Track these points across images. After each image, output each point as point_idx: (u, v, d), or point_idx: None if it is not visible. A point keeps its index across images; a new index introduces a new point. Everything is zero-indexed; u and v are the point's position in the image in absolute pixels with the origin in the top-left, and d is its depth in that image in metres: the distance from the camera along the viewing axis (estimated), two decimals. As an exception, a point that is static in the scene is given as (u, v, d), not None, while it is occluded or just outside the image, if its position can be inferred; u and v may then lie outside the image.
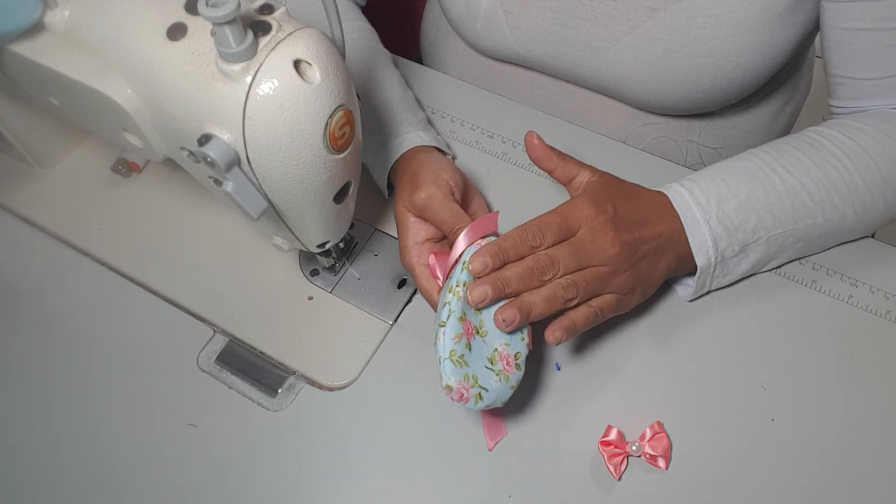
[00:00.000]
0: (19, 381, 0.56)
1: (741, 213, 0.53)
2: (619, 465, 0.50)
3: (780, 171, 0.54)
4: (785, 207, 0.54)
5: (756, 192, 0.53)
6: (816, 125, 0.59)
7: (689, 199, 0.53)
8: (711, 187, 0.53)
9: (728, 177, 0.54)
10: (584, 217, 0.49)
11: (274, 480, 0.51)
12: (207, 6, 0.37)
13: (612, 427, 0.51)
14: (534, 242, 0.47)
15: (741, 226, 0.53)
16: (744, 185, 0.54)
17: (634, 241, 0.50)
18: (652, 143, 0.73)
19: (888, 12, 0.54)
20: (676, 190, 0.54)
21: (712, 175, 0.54)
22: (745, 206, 0.53)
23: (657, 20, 0.61)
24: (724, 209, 0.53)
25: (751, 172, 0.54)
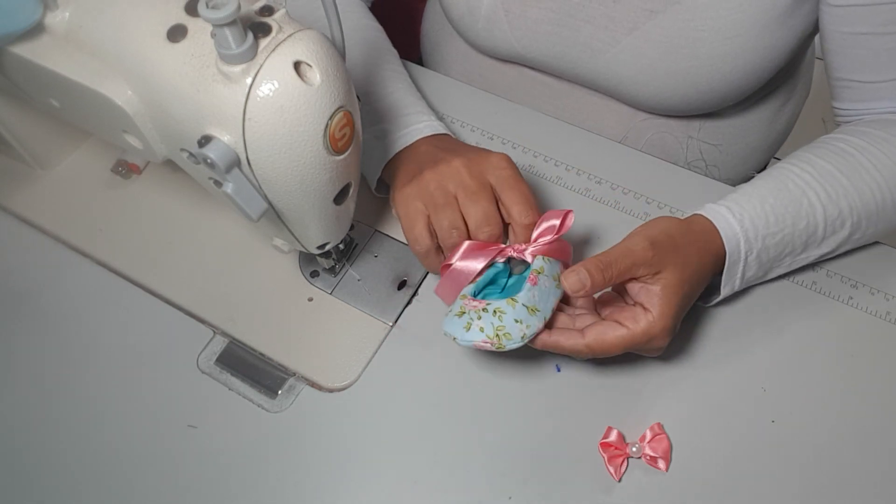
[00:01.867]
0: (19, 382, 0.56)
1: (779, 247, 0.53)
2: (619, 466, 0.50)
3: (822, 196, 0.53)
4: (818, 236, 0.54)
5: (799, 225, 0.53)
6: (838, 131, 0.58)
7: (740, 232, 0.52)
8: (761, 219, 0.52)
9: (777, 204, 0.53)
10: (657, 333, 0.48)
11: (274, 482, 0.51)
12: (207, 8, 0.37)
13: (612, 428, 0.51)
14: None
15: (775, 257, 0.54)
16: (790, 217, 0.53)
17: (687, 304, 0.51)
18: (652, 139, 0.73)
19: (888, 17, 0.54)
20: (728, 222, 0.52)
21: (761, 200, 0.53)
22: (785, 240, 0.53)
23: (656, 22, 0.62)
24: (767, 244, 0.52)
25: (797, 199, 0.53)
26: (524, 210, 0.52)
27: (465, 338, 0.47)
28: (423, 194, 0.53)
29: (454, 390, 0.55)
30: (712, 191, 0.65)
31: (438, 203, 0.52)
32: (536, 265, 0.51)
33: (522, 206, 0.52)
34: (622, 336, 0.47)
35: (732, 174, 0.78)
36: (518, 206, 0.52)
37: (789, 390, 0.54)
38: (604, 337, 0.48)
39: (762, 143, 0.77)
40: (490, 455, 0.52)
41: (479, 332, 0.47)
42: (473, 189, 0.52)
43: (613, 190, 0.65)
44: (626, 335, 0.47)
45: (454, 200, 0.52)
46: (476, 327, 0.47)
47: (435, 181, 0.53)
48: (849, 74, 0.59)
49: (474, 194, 0.52)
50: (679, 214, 0.63)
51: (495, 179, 0.53)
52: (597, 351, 0.48)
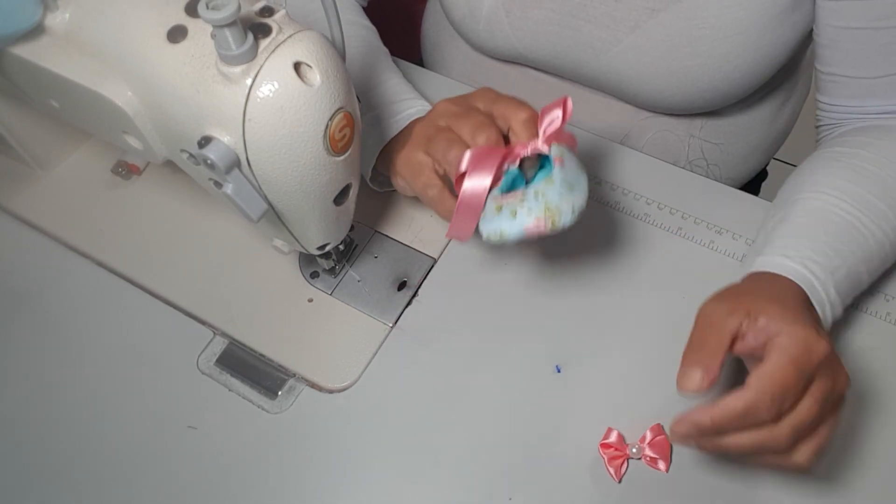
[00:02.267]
0: (19, 383, 0.56)
1: (850, 279, 0.50)
2: (619, 467, 0.50)
3: (866, 222, 0.51)
4: (875, 262, 0.52)
5: (857, 254, 0.50)
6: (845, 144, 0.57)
7: (810, 276, 0.48)
8: (821, 255, 0.49)
9: (829, 239, 0.50)
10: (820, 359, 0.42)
11: (274, 483, 0.51)
12: (208, 9, 0.37)
13: (612, 429, 0.51)
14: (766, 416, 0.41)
15: (849, 292, 0.51)
16: (846, 246, 0.50)
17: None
18: (654, 138, 0.73)
19: (882, 11, 0.54)
20: (794, 269, 0.48)
21: (812, 238, 0.50)
22: (851, 270, 0.50)
23: (657, 21, 0.62)
24: (837, 278, 0.49)
25: (845, 230, 0.51)
26: (519, 107, 0.50)
27: (513, 227, 0.44)
28: (419, 143, 0.53)
29: (454, 390, 0.55)
30: (714, 192, 0.65)
31: (432, 137, 0.52)
32: (555, 152, 0.47)
33: (516, 106, 0.50)
34: (778, 358, 0.41)
35: (734, 173, 0.78)
36: (511, 107, 0.50)
37: (789, 391, 0.54)
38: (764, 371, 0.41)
39: (763, 142, 0.77)
40: (490, 455, 0.52)
41: (526, 216, 0.44)
42: (461, 112, 0.52)
43: (614, 191, 0.65)
44: (782, 355, 0.41)
45: (447, 128, 0.52)
46: (522, 212, 0.44)
47: (426, 127, 0.53)
48: (839, 69, 0.59)
49: (464, 115, 0.51)
50: (679, 214, 0.63)
51: (483, 103, 0.52)
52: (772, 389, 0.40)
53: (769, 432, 0.41)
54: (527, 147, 0.47)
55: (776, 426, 0.41)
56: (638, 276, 0.60)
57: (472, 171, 0.46)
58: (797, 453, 0.43)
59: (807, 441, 0.43)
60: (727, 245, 0.61)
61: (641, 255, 0.61)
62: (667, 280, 0.60)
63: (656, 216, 0.63)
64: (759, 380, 0.41)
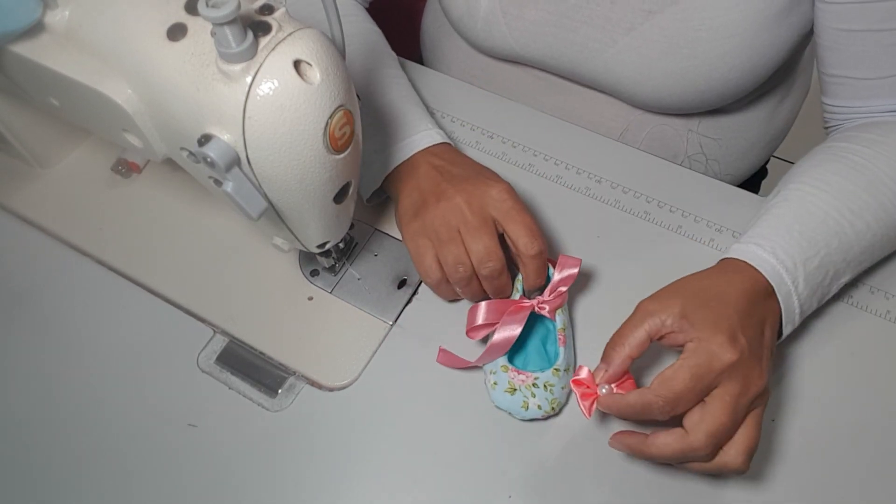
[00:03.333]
0: (19, 382, 0.56)
1: (822, 270, 0.51)
2: (590, 405, 0.50)
3: (846, 213, 0.52)
4: (855, 252, 0.52)
5: (832, 244, 0.51)
6: (840, 139, 0.57)
7: (779, 266, 0.49)
8: (793, 246, 0.50)
9: (804, 229, 0.51)
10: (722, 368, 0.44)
11: (274, 481, 0.51)
12: (207, 6, 0.37)
13: (582, 366, 0.50)
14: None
15: (821, 282, 0.51)
16: (822, 237, 0.51)
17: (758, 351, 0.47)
18: (652, 133, 0.73)
19: (883, 14, 0.54)
20: (761, 257, 0.50)
21: (787, 228, 0.51)
22: (825, 261, 0.51)
23: (653, 22, 0.62)
24: (809, 269, 0.50)
25: (822, 220, 0.51)
26: (529, 242, 0.52)
27: (524, 416, 0.52)
28: (427, 231, 0.54)
29: (454, 389, 0.55)
30: (713, 190, 0.65)
31: (443, 239, 0.53)
32: (559, 323, 0.54)
33: (526, 237, 0.52)
34: (679, 365, 0.44)
35: (732, 169, 0.78)
36: (522, 239, 0.52)
37: (789, 389, 0.54)
38: (663, 376, 0.44)
39: (762, 139, 0.77)
40: (490, 454, 0.52)
41: (537, 410, 0.51)
42: (475, 225, 0.53)
43: (614, 188, 0.65)
44: (683, 363, 0.44)
45: (458, 235, 0.53)
46: (534, 406, 0.51)
47: (439, 218, 0.54)
48: (843, 71, 0.59)
49: (476, 230, 0.53)
50: (679, 213, 0.63)
51: (497, 213, 0.53)
52: (665, 394, 0.44)
53: (688, 442, 0.44)
54: (535, 307, 0.53)
55: (694, 436, 0.44)
56: (638, 274, 0.60)
57: (503, 325, 0.52)
58: (727, 456, 0.45)
59: (733, 444, 0.45)
60: (727, 243, 0.61)
61: (641, 253, 0.61)
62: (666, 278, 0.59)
63: (656, 214, 0.63)
64: (659, 384, 0.44)
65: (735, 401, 0.44)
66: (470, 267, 0.53)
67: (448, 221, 0.54)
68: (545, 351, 0.56)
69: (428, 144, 0.59)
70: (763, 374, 0.46)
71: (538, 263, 0.53)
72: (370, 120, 0.60)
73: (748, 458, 0.45)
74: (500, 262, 0.53)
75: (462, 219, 0.53)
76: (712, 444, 0.44)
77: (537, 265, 0.53)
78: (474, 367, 0.55)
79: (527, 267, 0.53)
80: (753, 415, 0.45)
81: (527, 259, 0.53)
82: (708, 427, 0.43)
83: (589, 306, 0.58)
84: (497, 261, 0.52)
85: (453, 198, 0.54)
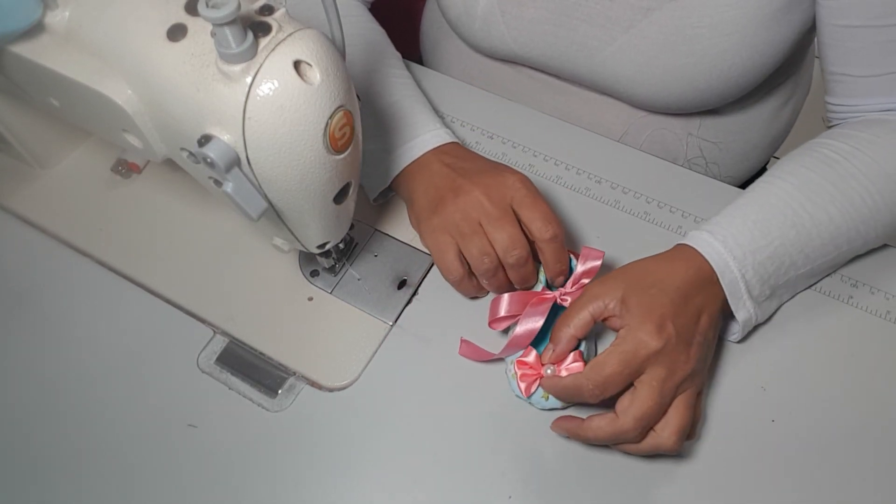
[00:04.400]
0: (19, 382, 0.56)
1: (775, 261, 0.52)
2: (529, 385, 0.51)
3: (807, 205, 0.53)
4: (815, 244, 0.53)
5: (788, 235, 0.52)
6: (823, 135, 0.58)
7: (725, 251, 0.51)
8: (745, 235, 0.51)
9: (759, 219, 0.52)
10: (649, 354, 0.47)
11: (274, 481, 0.51)
12: (207, 7, 0.37)
13: (531, 349, 0.52)
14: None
15: (774, 272, 0.52)
16: (776, 228, 0.52)
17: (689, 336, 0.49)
18: (652, 136, 0.73)
19: (882, 10, 0.54)
20: (711, 245, 0.51)
21: (742, 217, 0.52)
22: (778, 251, 0.52)
23: (652, 20, 0.61)
24: (759, 259, 0.51)
25: (780, 211, 0.53)
26: (543, 226, 0.53)
27: (545, 406, 0.53)
28: (448, 226, 0.55)
29: (454, 390, 0.55)
30: (712, 190, 0.65)
31: (465, 233, 0.54)
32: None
33: (541, 221, 0.53)
34: (609, 352, 0.47)
35: (733, 171, 0.78)
36: (537, 223, 0.53)
37: (789, 390, 0.54)
38: (596, 361, 0.47)
39: (762, 141, 0.77)
40: (490, 454, 0.52)
41: (557, 400, 0.52)
42: (496, 215, 0.53)
43: (613, 189, 0.65)
44: (613, 349, 0.47)
45: (480, 227, 0.54)
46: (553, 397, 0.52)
47: (459, 212, 0.54)
48: (841, 68, 0.59)
49: (498, 220, 0.53)
50: (678, 213, 0.63)
51: (513, 200, 0.54)
52: (594, 377, 0.47)
53: (619, 425, 0.46)
54: (557, 298, 0.54)
55: (623, 419, 0.46)
56: (638, 274, 0.60)
57: (525, 316, 0.52)
58: (660, 437, 0.47)
59: (665, 425, 0.47)
60: (727, 244, 0.61)
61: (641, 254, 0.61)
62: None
63: (656, 215, 0.63)
64: (590, 368, 0.47)
65: (661, 385, 0.46)
66: (495, 258, 0.53)
67: (468, 215, 0.54)
68: None
69: (438, 143, 0.59)
70: (690, 360, 0.48)
71: (555, 247, 0.53)
72: (375, 119, 0.60)
73: (680, 439, 0.47)
74: (525, 250, 0.53)
75: (482, 211, 0.54)
76: (640, 427, 0.46)
77: (554, 249, 0.53)
78: (477, 368, 0.55)
79: (544, 252, 0.53)
80: (683, 397, 0.48)
81: (542, 244, 0.53)
82: (636, 411, 0.46)
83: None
84: (522, 248, 0.53)
85: (471, 191, 0.54)
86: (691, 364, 0.48)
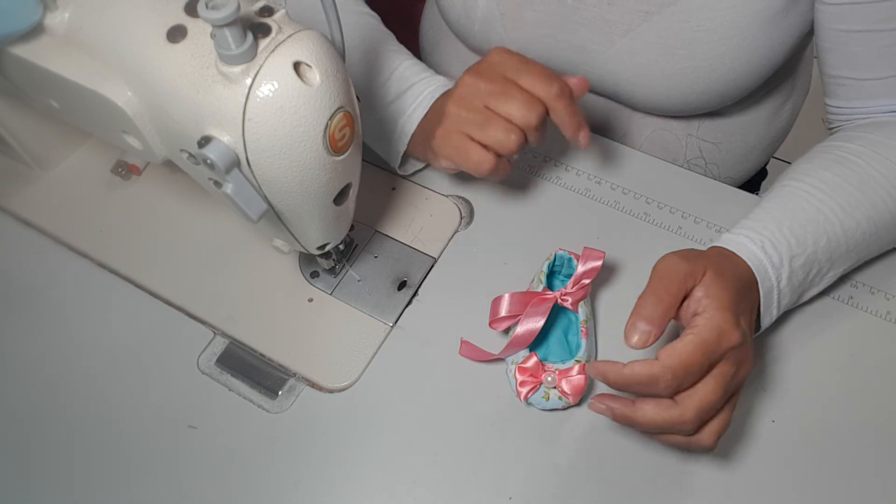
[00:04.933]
0: (19, 384, 0.56)
1: (806, 268, 0.51)
2: (528, 392, 0.51)
3: (837, 211, 0.52)
4: (841, 251, 0.53)
5: (820, 242, 0.51)
6: (835, 138, 0.58)
7: (765, 259, 0.49)
8: (782, 242, 0.50)
9: (793, 225, 0.51)
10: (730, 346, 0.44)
11: (274, 482, 0.51)
12: (207, 8, 0.37)
13: (533, 354, 0.52)
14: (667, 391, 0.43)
15: (803, 280, 0.52)
16: (811, 235, 0.51)
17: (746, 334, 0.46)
18: (652, 136, 0.73)
19: (883, 14, 0.54)
20: (750, 250, 0.50)
21: (777, 223, 0.51)
22: (810, 259, 0.51)
23: (651, 24, 0.62)
24: (794, 267, 0.50)
25: (813, 217, 0.51)
26: (546, 85, 0.52)
27: (545, 406, 0.52)
28: (458, 124, 0.54)
29: (454, 390, 0.55)
30: (713, 191, 0.65)
31: (478, 122, 0.53)
32: (582, 315, 0.54)
33: (542, 82, 0.52)
34: (691, 340, 0.43)
35: (732, 172, 0.78)
36: (538, 85, 0.52)
37: (789, 390, 0.54)
38: (674, 348, 0.42)
39: (762, 142, 0.77)
40: (490, 455, 0.52)
41: (558, 401, 0.52)
42: (499, 90, 0.53)
43: (613, 190, 0.65)
44: (695, 338, 0.43)
45: (489, 111, 0.53)
46: (554, 396, 0.52)
47: (462, 107, 0.54)
48: (843, 72, 0.59)
49: (503, 93, 0.53)
50: (678, 213, 0.63)
51: (507, 72, 0.54)
52: (674, 366, 0.42)
53: (677, 414, 0.43)
54: (557, 298, 0.53)
55: (683, 408, 0.43)
56: (637, 274, 0.60)
57: (526, 317, 0.52)
58: (702, 434, 0.45)
59: (710, 422, 0.45)
60: (727, 244, 0.61)
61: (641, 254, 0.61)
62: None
63: (656, 215, 0.63)
64: (668, 356, 0.42)
65: (728, 381, 0.44)
66: (520, 130, 0.53)
67: (471, 104, 0.54)
68: (567, 342, 0.56)
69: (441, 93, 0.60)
70: (751, 363, 0.46)
71: (565, 102, 0.53)
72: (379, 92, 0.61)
73: (717, 440, 0.45)
74: (541, 106, 0.53)
75: (482, 92, 0.53)
76: (699, 420, 0.43)
77: (564, 104, 0.53)
78: (477, 368, 0.55)
79: (556, 111, 0.53)
80: (733, 398, 0.46)
81: (552, 102, 0.53)
82: (699, 403, 0.43)
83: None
84: (539, 105, 0.52)
85: (462, 82, 0.55)
86: (749, 368, 0.46)
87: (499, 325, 0.54)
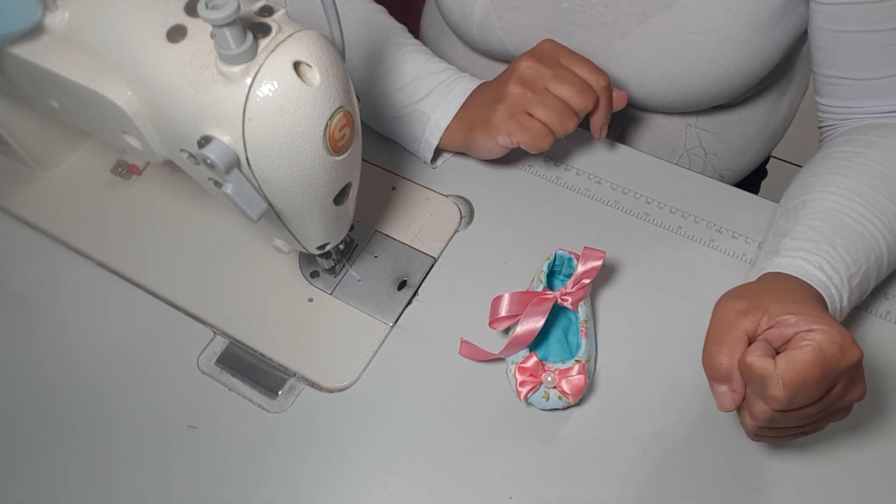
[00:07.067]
0: (18, 383, 0.56)
1: (861, 286, 0.51)
2: (528, 391, 0.51)
3: (882, 228, 0.51)
4: (883, 268, 0.52)
5: (870, 260, 0.51)
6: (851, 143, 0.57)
7: (828, 282, 0.48)
8: (839, 262, 0.49)
9: (846, 244, 0.50)
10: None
11: (274, 482, 0.51)
12: (207, 8, 0.37)
13: (534, 354, 0.52)
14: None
15: (857, 299, 0.51)
16: (863, 253, 0.50)
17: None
18: (651, 128, 0.73)
19: (877, 15, 0.54)
20: (814, 275, 0.48)
21: (829, 243, 0.49)
22: (863, 278, 0.51)
23: (647, 26, 0.62)
24: (852, 286, 0.49)
25: (861, 235, 0.50)
26: (596, 76, 0.58)
27: (545, 406, 0.52)
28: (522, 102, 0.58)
29: (454, 390, 0.55)
30: (713, 190, 0.65)
31: (541, 102, 0.57)
32: (582, 315, 0.54)
33: (591, 73, 0.58)
34: (812, 350, 0.39)
35: (732, 164, 0.78)
36: (591, 74, 0.58)
37: (790, 390, 0.54)
38: (794, 360, 0.39)
39: (761, 134, 0.77)
40: (490, 455, 0.52)
41: (558, 401, 0.52)
42: (558, 75, 0.57)
43: (613, 189, 0.65)
44: (815, 350, 0.39)
45: (547, 92, 0.58)
46: (554, 396, 0.52)
47: (526, 87, 0.58)
48: (838, 72, 0.59)
49: (562, 79, 0.57)
50: (678, 213, 0.63)
51: (560, 58, 0.58)
52: (791, 381, 0.39)
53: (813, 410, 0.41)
54: (557, 298, 0.54)
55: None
56: (637, 274, 0.60)
57: (526, 316, 0.52)
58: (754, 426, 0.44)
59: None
60: (727, 244, 0.61)
61: (641, 254, 0.61)
62: (667, 279, 0.60)
63: (656, 215, 0.63)
64: (787, 363, 0.39)
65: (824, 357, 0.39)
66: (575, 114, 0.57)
67: (535, 88, 0.58)
68: (567, 342, 0.56)
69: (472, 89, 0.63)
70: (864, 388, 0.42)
71: (608, 96, 0.59)
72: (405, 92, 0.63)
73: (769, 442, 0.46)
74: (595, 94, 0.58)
75: (545, 77, 0.58)
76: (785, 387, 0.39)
77: (607, 98, 0.59)
78: (477, 368, 0.55)
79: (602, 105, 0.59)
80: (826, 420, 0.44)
81: (600, 92, 0.58)
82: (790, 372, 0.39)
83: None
84: (593, 92, 0.58)
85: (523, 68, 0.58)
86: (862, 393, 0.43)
87: (499, 324, 0.54)
